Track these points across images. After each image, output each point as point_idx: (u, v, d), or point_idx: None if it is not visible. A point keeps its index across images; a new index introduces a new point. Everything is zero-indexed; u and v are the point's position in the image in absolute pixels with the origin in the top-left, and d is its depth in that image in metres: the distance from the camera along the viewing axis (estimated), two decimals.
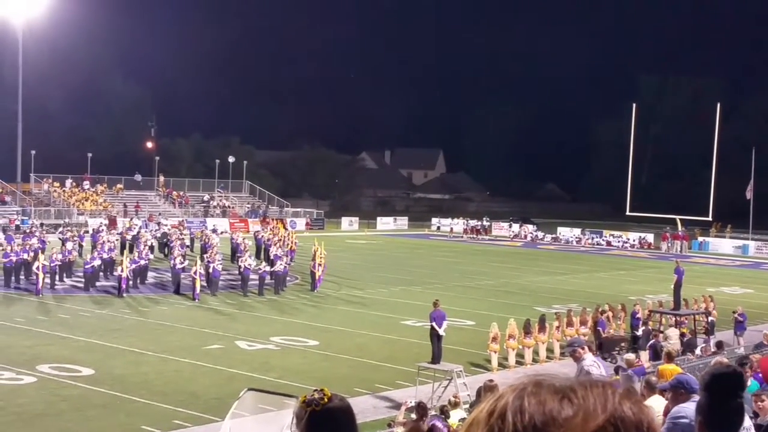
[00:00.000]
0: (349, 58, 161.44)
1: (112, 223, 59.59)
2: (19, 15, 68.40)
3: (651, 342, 26.36)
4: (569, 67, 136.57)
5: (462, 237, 77.36)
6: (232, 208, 77.44)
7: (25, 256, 38.87)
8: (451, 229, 79.77)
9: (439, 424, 13.08)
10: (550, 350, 27.06)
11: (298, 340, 28.19)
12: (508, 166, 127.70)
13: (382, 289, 41.27)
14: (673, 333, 27.31)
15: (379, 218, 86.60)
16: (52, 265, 37.42)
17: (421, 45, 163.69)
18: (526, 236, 78.10)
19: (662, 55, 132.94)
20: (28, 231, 51.35)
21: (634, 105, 69.54)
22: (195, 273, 35.91)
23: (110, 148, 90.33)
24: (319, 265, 39.97)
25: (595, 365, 10.28)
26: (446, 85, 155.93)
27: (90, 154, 74.60)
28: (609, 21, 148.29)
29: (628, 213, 68.32)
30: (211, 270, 37.71)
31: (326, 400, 2.89)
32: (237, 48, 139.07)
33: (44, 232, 50.38)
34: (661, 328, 28.71)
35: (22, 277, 38.46)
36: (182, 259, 38.95)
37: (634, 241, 73.30)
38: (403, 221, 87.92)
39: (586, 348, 10.92)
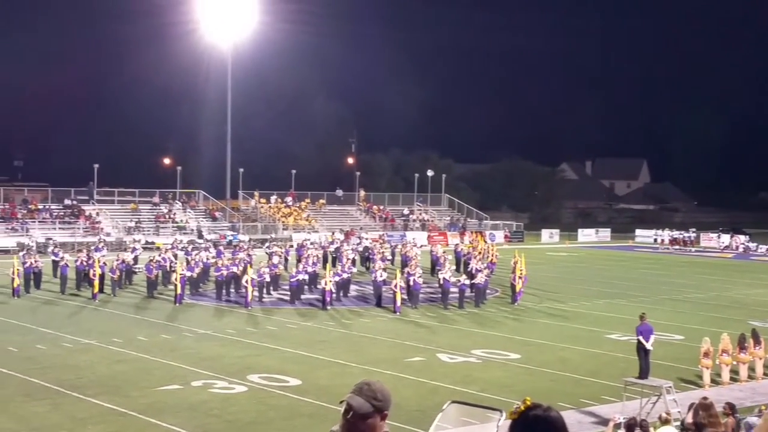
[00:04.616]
0: (550, 69, 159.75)
1: (348, 235, 61.12)
2: (227, 40, 71.62)
3: None
4: None
5: (669, 248, 74.71)
6: (431, 221, 77.93)
7: (235, 269, 40.41)
8: (662, 240, 77.00)
9: None
10: (767, 366, 25.54)
11: (499, 353, 27.90)
12: (717, 175, 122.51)
13: (585, 302, 40.34)
14: None
15: (580, 230, 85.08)
16: (260, 278, 38.74)
17: (622, 51, 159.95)
18: (737, 247, 74.62)
19: None
20: (236, 246, 53.42)
21: None
22: (396, 286, 36.22)
23: (313, 165, 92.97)
24: (520, 277, 39.51)
25: None
26: (650, 93, 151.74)
27: (294, 171, 76.98)
28: None
29: None
30: (411, 283, 37.97)
31: (522, 408, 2.81)
32: (433, 62, 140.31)
33: (251, 246, 52.23)
34: None
35: (232, 290, 40.03)
36: (383, 273, 39.37)
37: None
38: (605, 233, 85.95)
39: None
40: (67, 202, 66.02)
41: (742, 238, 76.54)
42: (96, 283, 38.35)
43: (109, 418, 19.79)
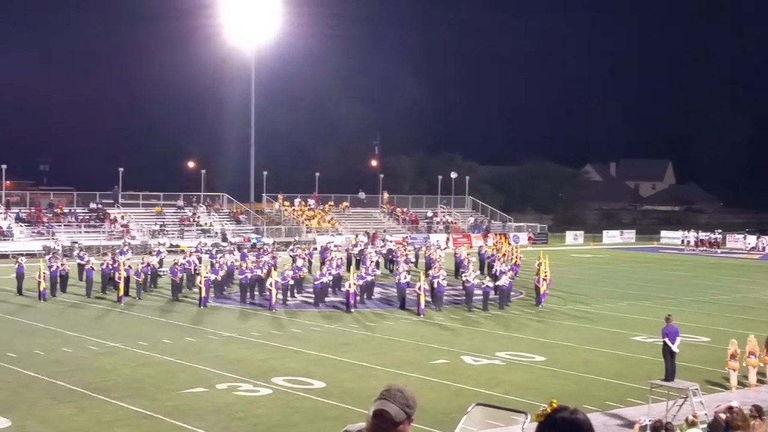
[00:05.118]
0: (574, 71, 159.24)
1: (373, 238, 61.17)
2: (251, 43, 71.82)
3: None
4: None
5: (694, 250, 74.21)
6: (455, 223, 77.81)
7: (259, 272, 40.51)
8: (688, 242, 76.36)
9: None
10: None
11: (523, 355, 27.79)
12: (743, 176, 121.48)
13: (610, 303, 40.13)
14: None
15: (604, 232, 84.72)
16: (284, 281, 38.83)
17: (646, 52, 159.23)
18: (764, 248, 74.04)
19: None
20: (261, 249, 53.53)
21: None
22: (419, 288, 36.18)
23: (336, 167, 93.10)
24: (544, 279, 39.36)
25: None
26: (675, 93, 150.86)
27: (317, 174, 77.11)
28: None
29: None
30: (435, 285, 37.91)
31: (549, 411, 2.80)
32: (456, 64, 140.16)
33: (275, 249, 52.33)
34: None
35: (256, 292, 40.13)
36: (407, 275, 39.33)
37: None
38: (630, 234, 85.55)
39: None
40: (93, 205, 66.45)
41: None
42: (121, 286, 38.51)
43: (135, 421, 19.88)
